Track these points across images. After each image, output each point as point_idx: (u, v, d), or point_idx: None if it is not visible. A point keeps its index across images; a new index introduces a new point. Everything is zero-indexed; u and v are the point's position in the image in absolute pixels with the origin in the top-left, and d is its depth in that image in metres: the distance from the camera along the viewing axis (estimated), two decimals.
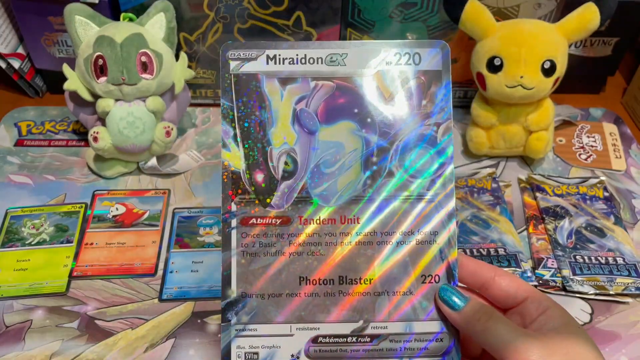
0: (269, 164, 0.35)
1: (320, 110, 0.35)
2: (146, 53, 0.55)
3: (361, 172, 0.35)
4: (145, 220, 0.57)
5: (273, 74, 0.35)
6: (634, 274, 0.52)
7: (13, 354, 0.46)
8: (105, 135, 0.56)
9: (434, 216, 0.35)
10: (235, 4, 0.62)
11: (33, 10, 0.62)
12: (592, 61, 0.70)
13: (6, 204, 0.58)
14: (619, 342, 0.48)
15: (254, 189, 0.35)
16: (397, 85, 0.35)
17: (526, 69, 0.56)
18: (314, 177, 0.35)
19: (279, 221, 0.34)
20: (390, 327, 0.34)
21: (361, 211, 0.35)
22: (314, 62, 0.35)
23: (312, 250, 0.34)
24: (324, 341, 0.34)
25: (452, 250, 0.35)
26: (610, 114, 0.71)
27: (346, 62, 0.35)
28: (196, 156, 0.63)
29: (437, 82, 0.35)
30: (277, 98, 0.35)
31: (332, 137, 0.35)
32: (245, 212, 0.34)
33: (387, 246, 0.35)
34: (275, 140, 0.35)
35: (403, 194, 0.35)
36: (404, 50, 0.35)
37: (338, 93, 0.35)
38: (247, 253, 0.34)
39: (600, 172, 0.64)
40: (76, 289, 0.51)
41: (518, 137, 0.61)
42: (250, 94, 0.35)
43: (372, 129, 0.35)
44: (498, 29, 0.58)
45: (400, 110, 0.35)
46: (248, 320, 0.34)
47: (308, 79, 0.35)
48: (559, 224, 0.57)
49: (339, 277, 0.34)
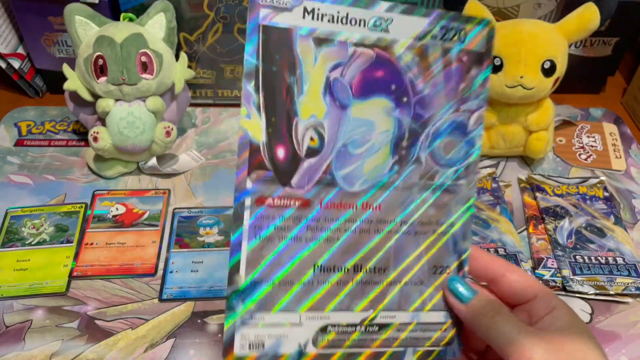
0: (293, 138, 0.31)
1: (356, 82, 0.31)
2: (146, 53, 0.55)
3: (389, 157, 0.32)
4: (145, 220, 0.57)
5: (309, 31, 0.30)
6: (634, 274, 0.52)
7: (13, 354, 0.46)
8: (105, 135, 0.56)
9: (453, 207, 0.33)
10: (235, 4, 0.62)
11: (33, 10, 0.62)
12: (592, 61, 0.70)
13: (6, 204, 0.58)
14: (619, 342, 0.48)
15: (274, 166, 0.31)
16: (439, 63, 0.32)
17: (526, 69, 0.56)
18: (341, 157, 0.32)
19: (298, 203, 0.31)
20: (398, 316, 0.33)
21: (384, 198, 0.32)
22: (355, 24, 0.31)
23: (330, 236, 0.32)
24: (333, 330, 0.32)
25: (466, 243, 0.34)
26: (610, 114, 0.71)
27: (390, 29, 0.31)
28: (196, 156, 0.63)
29: (477, 65, 0.33)
30: (310, 62, 0.30)
31: (364, 114, 0.32)
32: (262, 190, 0.31)
33: (404, 236, 0.33)
34: (303, 110, 0.31)
35: (427, 182, 0.33)
36: (451, 24, 0.32)
37: (377, 64, 0.31)
38: (259, 236, 0.31)
39: (600, 172, 0.64)
40: (76, 289, 0.51)
41: (518, 137, 0.61)
42: (281, 53, 0.30)
43: (407, 110, 0.32)
44: (498, 29, 0.58)
45: (437, 92, 0.32)
46: (256, 309, 0.31)
47: (347, 44, 0.31)
48: (559, 224, 0.57)
49: (354, 265, 0.32)
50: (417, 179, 0.33)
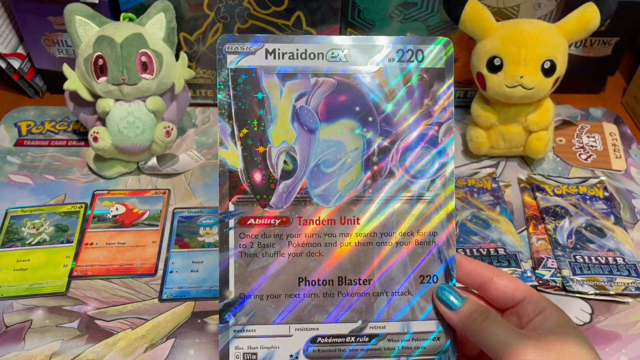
0: (268, 163, 0.34)
1: (321, 107, 0.34)
2: (146, 53, 0.55)
3: (362, 172, 0.34)
4: (145, 220, 0.57)
5: (272, 69, 0.34)
6: (634, 274, 0.52)
7: (13, 354, 0.46)
8: (105, 135, 0.56)
9: (433, 217, 0.35)
10: (235, 4, 0.62)
11: (33, 10, 0.62)
12: (592, 61, 0.70)
13: (6, 204, 0.58)
14: (619, 342, 0.48)
15: (252, 189, 0.34)
16: (400, 83, 0.34)
17: (526, 69, 0.56)
18: (314, 176, 0.34)
19: (278, 221, 0.34)
20: (388, 326, 0.34)
21: (361, 212, 0.34)
22: (314, 58, 0.34)
23: (312, 250, 0.34)
24: (323, 341, 0.34)
25: (450, 251, 0.35)
26: (610, 114, 0.71)
27: (347, 58, 0.34)
28: (196, 156, 0.63)
29: (439, 81, 0.34)
30: (277, 94, 0.34)
31: (332, 135, 0.34)
32: (244, 212, 0.34)
33: (386, 247, 0.34)
34: (275, 138, 0.34)
35: (403, 194, 0.34)
36: (406, 46, 0.34)
37: (339, 90, 0.34)
38: (245, 254, 0.34)
39: (600, 172, 0.64)
40: (76, 289, 0.51)
41: (518, 137, 0.61)
42: (249, 90, 0.34)
43: (374, 128, 0.34)
44: (498, 29, 0.58)
45: (402, 109, 0.34)
46: (247, 321, 0.34)
47: (308, 75, 0.34)
48: (559, 224, 0.57)
49: (339, 277, 0.34)
50: (394, 192, 0.34)
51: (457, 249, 0.53)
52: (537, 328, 0.32)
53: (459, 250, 0.54)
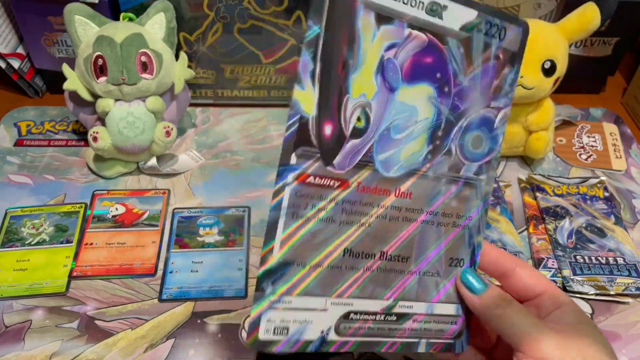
0: (342, 116, 0.30)
1: (407, 65, 0.31)
2: (146, 53, 0.55)
3: (425, 145, 0.33)
4: (145, 220, 0.57)
5: (371, 6, 0.29)
6: (634, 274, 0.52)
7: (13, 354, 0.46)
8: (105, 135, 0.56)
9: (473, 201, 0.34)
10: (235, 4, 0.62)
11: (33, 10, 0.62)
12: (592, 61, 0.70)
13: (6, 204, 0.58)
14: (619, 342, 0.48)
15: (319, 143, 0.30)
16: (480, 57, 0.33)
17: (526, 69, 0.56)
18: (382, 141, 0.31)
19: (338, 184, 0.30)
20: (415, 307, 0.33)
21: (415, 186, 0.33)
22: (415, 5, 0.31)
23: (363, 221, 0.31)
24: (354, 318, 0.32)
25: (479, 237, 0.34)
26: (610, 113, 0.71)
27: (444, 15, 0.31)
28: (196, 156, 0.63)
29: (510, 64, 0.33)
30: (369, 38, 0.30)
31: (409, 99, 0.32)
32: (305, 167, 0.30)
33: (428, 226, 0.33)
34: (355, 88, 0.30)
35: (454, 175, 0.33)
36: (495, 20, 0.32)
37: (427, 50, 0.31)
38: (297, 215, 0.30)
39: (600, 172, 0.64)
40: (76, 289, 0.51)
41: (518, 137, 0.61)
42: (342, 24, 0.29)
43: (447, 100, 0.32)
44: None
45: (475, 86, 0.33)
46: (285, 291, 0.30)
47: (404, 24, 0.31)
48: (559, 224, 0.57)
49: (381, 252, 0.32)
50: (446, 170, 0.33)
51: None
52: (555, 322, 0.32)
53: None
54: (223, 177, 0.62)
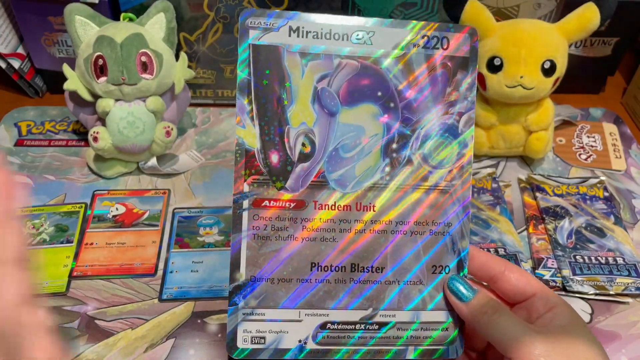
0: (286, 145, 0.33)
1: (343, 90, 0.33)
2: (146, 53, 0.55)
3: (380, 159, 0.34)
4: (145, 220, 0.57)
5: (295, 48, 0.33)
6: (634, 274, 0.52)
7: None
8: (105, 135, 0.56)
9: (449, 207, 0.34)
10: (235, 4, 0.62)
11: (33, 10, 0.62)
12: (592, 61, 0.70)
13: None
14: (619, 342, 0.48)
15: (268, 170, 0.33)
16: (423, 69, 0.34)
17: (526, 69, 0.56)
18: (332, 161, 0.33)
19: (293, 205, 0.33)
20: (398, 315, 0.34)
21: (377, 199, 0.34)
22: (339, 39, 0.33)
23: (325, 236, 0.33)
24: (333, 327, 0.34)
25: (464, 242, 0.34)
26: (610, 114, 0.71)
27: (372, 41, 0.33)
28: (196, 156, 0.63)
29: (463, 70, 0.34)
30: (298, 74, 0.33)
31: (353, 120, 0.33)
32: (258, 193, 0.33)
33: (400, 235, 0.34)
34: (294, 119, 0.33)
35: (421, 183, 0.34)
36: (432, 33, 0.34)
37: (362, 74, 0.33)
38: (258, 236, 0.33)
39: (600, 172, 0.64)
40: (76, 289, 0.51)
41: (518, 137, 0.61)
42: (269, 68, 0.33)
43: (395, 115, 0.34)
44: (498, 29, 0.58)
45: (424, 97, 0.34)
46: (256, 304, 0.33)
47: (332, 56, 0.33)
48: (559, 224, 0.57)
49: (351, 264, 0.34)
50: (410, 180, 0.34)
51: None
52: (546, 324, 0.32)
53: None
54: (223, 177, 0.62)
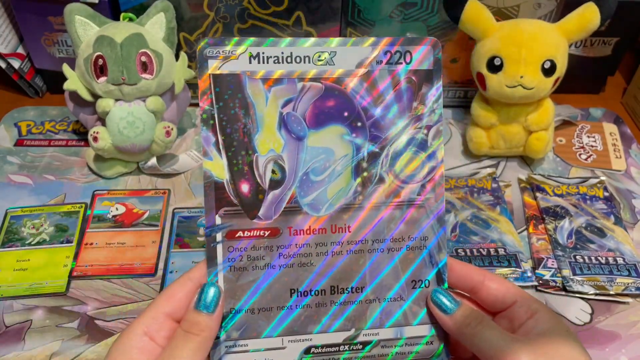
0: (255, 173, 0.33)
1: (309, 114, 0.33)
2: (146, 53, 0.55)
3: (352, 179, 0.33)
4: (145, 220, 0.57)
5: (256, 74, 0.32)
6: (634, 274, 0.52)
7: (13, 354, 0.46)
8: (105, 135, 0.56)
9: (424, 222, 0.34)
10: (235, 4, 0.62)
11: (33, 10, 0.62)
12: (592, 61, 0.70)
13: (6, 204, 0.58)
14: (619, 342, 0.48)
15: (240, 200, 0.32)
16: (388, 86, 0.33)
17: (526, 69, 0.56)
18: (303, 185, 0.33)
19: (268, 233, 0.33)
20: (381, 333, 0.34)
21: (352, 219, 0.34)
22: (300, 61, 0.33)
23: (303, 261, 0.33)
24: (317, 351, 0.34)
25: (441, 255, 0.34)
26: (610, 114, 0.71)
27: (335, 61, 0.33)
28: (196, 156, 0.63)
29: (427, 83, 0.34)
30: (262, 101, 0.32)
31: (321, 142, 0.33)
32: (231, 225, 0.33)
33: (378, 254, 0.34)
34: (261, 147, 0.32)
35: (394, 200, 0.34)
36: (395, 48, 0.33)
37: (327, 95, 0.33)
38: (234, 267, 0.33)
39: (600, 172, 0.64)
40: (76, 289, 0.51)
41: (518, 137, 0.61)
42: (232, 97, 0.32)
43: (363, 134, 0.33)
44: (498, 29, 0.58)
45: (390, 113, 0.33)
46: (238, 336, 0.33)
47: (295, 80, 0.33)
48: (559, 224, 0.57)
49: (331, 287, 0.33)
50: (384, 197, 0.34)
51: (457, 249, 0.54)
52: (529, 332, 0.32)
53: (458, 250, 0.54)
54: None
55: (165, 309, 0.31)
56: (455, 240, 0.55)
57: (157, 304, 0.32)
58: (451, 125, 0.69)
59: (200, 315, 0.31)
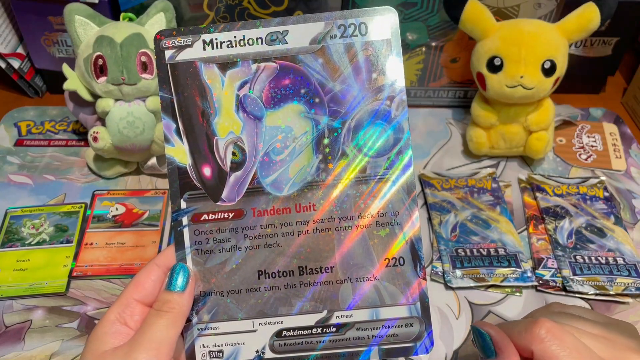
0: (216, 156, 0.33)
1: (265, 94, 0.33)
2: (146, 53, 0.55)
3: (313, 156, 0.33)
4: (145, 220, 0.57)
5: (211, 60, 0.33)
6: (634, 274, 0.52)
7: (13, 354, 0.46)
8: (105, 135, 0.56)
9: (392, 195, 0.33)
10: (235, 4, 0.62)
11: (33, 10, 0.62)
12: (592, 61, 0.70)
13: (6, 204, 0.58)
14: None
15: (203, 184, 0.33)
16: (344, 59, 0.33)
17: (526, 69, 0.56)
18: (264, 165, 0.33)
19: (232, 215, 0.33)
20: (355, 315, 0.33)
21: (316, 197, 0.33)
22: (253, 43, 0.33)
23: (269, 242, 0.33)
24: (289, 334, 0.33)
25: (413, 229, 0.33)
26: (610, 114, 0.71)
27: (287, 39, 0.33)
28: None
29: (386, 53, 0.33)
30: (218, 85, 0.33)
31: (279, 121, 0.33)
32: (196, 208, 0.33)
33: (346, 231, 0.33)
34: (220, 130, 0.33)
35: (359, 175, 0.33)
36: (348, 21, 0.33)
37: (282, 74, 0.33)
38: (201, 251, 0.33)
39: (600, 172, 0.64)
40: (76, 289, 0.51)
41: (518, 137, 0.61)
42: (190, 84, 0.33)
43: (322, 109, 0.33)
44: (498, 29, 0.58)
45: (349, 87, 0.33)
46: (209, 319, 0.33)
47: (249, 62, 0.33)
48: (559, 224, 0.57)
49: (299, 267, 0.33)
50: (348, 173, 0.33)
51: (457, 249, 0.53)
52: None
53: (458, 250, 0.54)
54: None
55: (135, 295, 0.32)
56: (455, 240, 0.55)
57: (127, 291, 0.32)
58: (451, 125, 0.69)
59: (172, 294, 0.31)
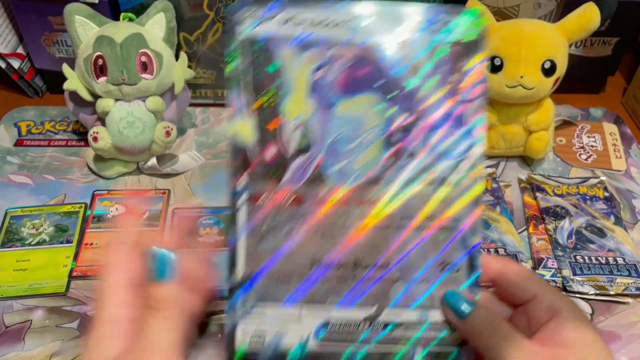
0: (282, 138, 0.32)
1: (340, 81, 0.32)
2: (146, 53, 0.55)
3: (381, 151, 0.32)
4: (145, 220, 0.57)
5: (289, 38, 0.31)
6: (634, 274, 0.52)
7: (13, 354, 0.46)
8: (105, 135, 0.56)
9: (458, 201, 0.32)
10: None
11: (33, 10, 0.62)
12: (592, 61, 0.70)
13: (6, 204, 0.58)
14: (619, 342, 0.48)
15: (265, 164, 0.32)
16: (426, 56, 0.32)
17: (526, 69, 0.56)
18: (330, 154, 0.32)
19: (292, 199, 0.32)
20: (404, 315, 0.32)
21: (379, 193, 0.32)
22: (335, 26, 0.31)
23: (326, 231, 0.32)
24: (335, 326, 0.32)
25: (475, 238, 0.32)
26: (610, 114, 0.71)
27: (371, 28, 0.32)
28: (196, 156, 0.63)
29: (469, 55, 0.32)
30: (293, 65, 0.31)
31: (351, 111, 0.32)
32: (255, 189, 0.32)
33: (406, 231, 0.32)
34: (289, 111, 0.32)
35: (426, 176, 0.32)
36: (436, 16, 0.32)
37: (360, 63, 0.32)
38: (256, 232, 0.32)
39: (600, 172, 0.64)
40: (76, 289, 0.51)
41: (518, 137, 0.61)
42: (263, 60, 0.31)
43: (396, 105, 0.32)
44: (498, 29, 0.58)
45: (427, 85, 0.32)
46: (255, 302, 0.32)
47: (328, 45, 0.32)
48: (559, 224, 0.57)
49: (354, 260, 0.32)
50: (415, 173, 0.32)
51: None
52: (548, 338, 0.29)
53: None
54: (223, 177, 0.61)
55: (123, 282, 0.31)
56: None
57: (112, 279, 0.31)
58: None
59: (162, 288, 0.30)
